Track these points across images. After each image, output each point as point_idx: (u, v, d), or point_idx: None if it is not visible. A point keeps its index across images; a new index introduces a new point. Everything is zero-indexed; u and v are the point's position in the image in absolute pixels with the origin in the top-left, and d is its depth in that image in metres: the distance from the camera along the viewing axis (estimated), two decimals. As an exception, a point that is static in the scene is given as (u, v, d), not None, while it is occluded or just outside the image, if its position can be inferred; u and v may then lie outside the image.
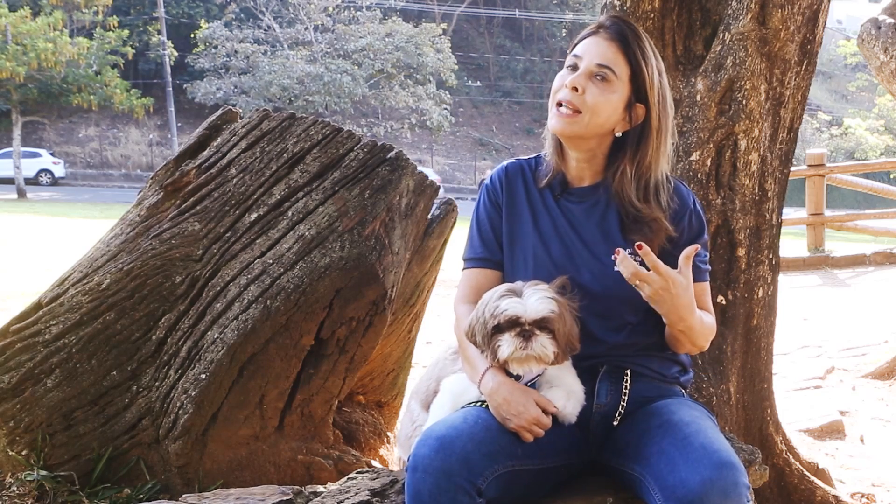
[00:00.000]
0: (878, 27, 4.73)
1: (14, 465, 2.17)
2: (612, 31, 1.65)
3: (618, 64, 1.63)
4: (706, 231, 1.75)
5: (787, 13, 2.34)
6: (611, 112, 1.64)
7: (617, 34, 1.64)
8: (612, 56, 1.63)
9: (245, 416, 2.18)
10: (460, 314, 1.75)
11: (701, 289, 1.72)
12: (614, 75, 1.62)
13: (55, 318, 2.22)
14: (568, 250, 1.70)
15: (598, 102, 1.62)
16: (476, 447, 1.46)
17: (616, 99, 1.63)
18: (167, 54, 29.16)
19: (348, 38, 29.50)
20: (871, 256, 8.93)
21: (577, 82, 1.63)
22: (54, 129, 31.71)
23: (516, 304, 1.52)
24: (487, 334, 1.55)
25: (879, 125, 30.63)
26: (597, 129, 1.65)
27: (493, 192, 1.80)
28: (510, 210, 1.77)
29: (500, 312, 1.52)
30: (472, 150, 36.08)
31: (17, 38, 22.95)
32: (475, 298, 1.75)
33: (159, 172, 2.41)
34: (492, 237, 1.78)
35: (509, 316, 1.52)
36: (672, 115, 1.70)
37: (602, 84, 1.63)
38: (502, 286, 1.60)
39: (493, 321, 1.53)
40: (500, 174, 1.81)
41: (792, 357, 4.86)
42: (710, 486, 1.38)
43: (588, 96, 1.63)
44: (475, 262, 1.79)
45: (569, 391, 1.61)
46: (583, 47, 1.66)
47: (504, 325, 1.53)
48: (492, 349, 1.55)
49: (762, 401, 2.58)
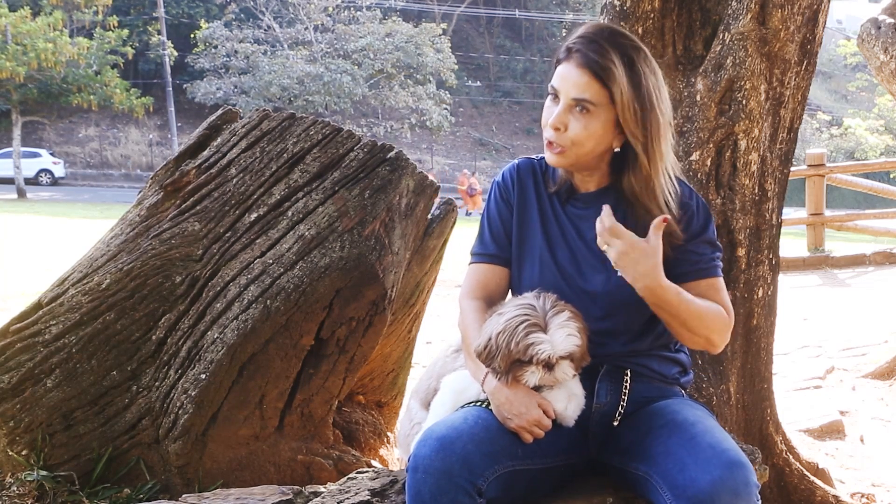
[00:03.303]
0: (878, 27, 4.73)
1: (14, 465, 2.17)
2: (581, 57, 1.60)
3: (593, 92, 1.60)
4: (710, 229, 1.73)
5: (787, 13, 2.34)
6: (598, 139, 1.63)
7: (585, 61, 1.60)
8: (586, 85, 1.60)
9: (245, 416, 2.18)
10: (465, 308, 1.75)
11: (710, 285, 1.69)
12: (592, 105, 1.60)
13: (55, 318, 2.22)
14: (574, 255, 1.71)
15: (580, 136, 1.62)
16: (477, 447, 1.46)
17: (599, 125, 1.62)
18: (167, 54, 29.16)
19: (348, 38, 29.49)
20: (871, 256, 8.93)
21: (559, 122, 1.63)
22: (54, 129, 31.71)
23: (545, 343, 1.51)
24: (509, 364, 1.54)
25: (879, 125, 30.62)
26: (587, 156, 1.66)
27: (504, 190, 1.81)
28: (521, 210, 1.78)
29: (532, 353, 1.51)
30: (472, 150, 36.08)
31: (17, 38, 22.96)
32: (481, 294, 1.76)
33: (159, 172, 2.41)
34: (502, 234, 1.78)
35: (542, 359, 1.52)
36: (668, 115, 1.67)
37: (583, 116, 1.61)
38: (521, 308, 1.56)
39: (523, 356, 1.52)
40: (512, 173, 1.81)
41: (792, 357, 4.86)
42: (721, 486, 1.39)
43: (570, 133, 1.62)
44: (484, 257, 1.79)
45: (570, 394, 1.61)
46: (558, 78, 1.64)
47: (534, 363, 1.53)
48: (512, 374, 1.55)
49: (762, 401, 2.58)
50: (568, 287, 1.68)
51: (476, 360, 1.64)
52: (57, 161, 29.73)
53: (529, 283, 1.70)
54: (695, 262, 1.68)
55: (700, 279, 1.68)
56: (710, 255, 1.71)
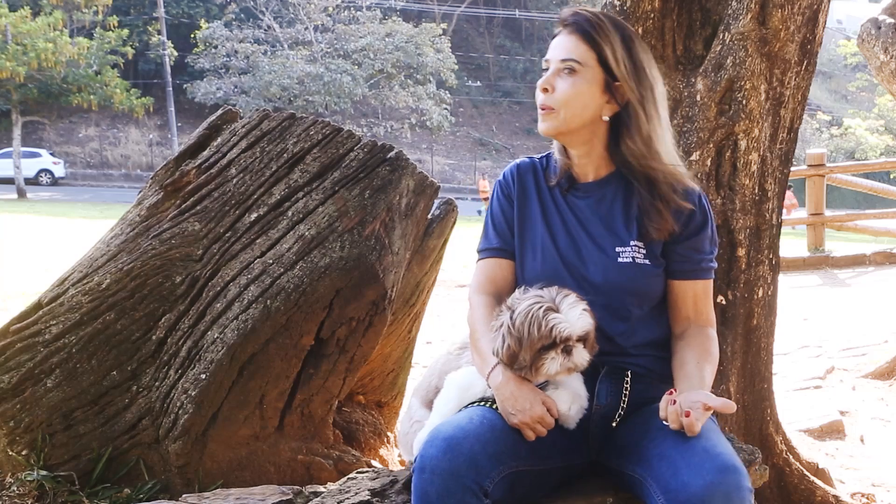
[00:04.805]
0: (878, 27, 4.73)
1: (14, 465, 2.17)
2: (572, 24, 1.68)
3: (581, 52, 1.66)
4: (711, 227, 1.74)
5: (787, 13, 2.34)
6: (587, 100, 1.67)
7: (576, 25, 1.67)
8: (574, 47, 1.67)
9: (245, 416, 2.18)
10: (475, 304, 1.77)
11: (703, 288, 1.74)
12: (579, 64, 1.65)
13: (55, 318, 2.22)
14: (575, 243, 1.72)
15: (568, 95, 1.66)
16: (483, 448, 1.46)
17: (587, 86, 1.66)
18: (167, 54, 29.16)
19: (348, 38, 29.49)
20: (871, 256, 8.93)
21: (547, 82, 1.69)
22: (54, 129, 31.71)
23: (564, 322, 1.53)
24: (535, 352, 1.55)
25: (879, 125, 30.64)
26: (577, 119, 1.68)
27: (505, 187, 1.85)
28: (521, 204, 1.81)
29: (556, 332, 1.53)
30: (472, 150, 36.08)
31: (17, 38, 22.95)
32: (490, 289, 1.78)
33: (159, 172, 2.41)
34: (505, 228, 1.81)
35: (565, 336, 1.53)
36: (660, 83, 1.71)
37: (570, 76, 1.67)
38: (531, 298, 1.58)
39: (547, 340, 1.53)
40: (512, 170, 1.85)
41: (792, 357, 4.86)
42: (713, 490, 1.38)
43: (558, 92, 1.67)
44: (490, 251, 1.82)
45: (574, 395, 1.61)
46: (550, 50, 1.72)
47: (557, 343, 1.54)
48: (535, 367, 1.55)
49: (762, 401, 2.58)
50: (570, 275, 1.70)
51: (483, 356, 1.64)
52: (57, 161, 29.72)
53: (532, 272, 1.72)
54: (697, 260, 1.72)
55: (697, 279, 1.72)
56: (709, 253, 1.74)
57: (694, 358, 1.66)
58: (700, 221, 1.72)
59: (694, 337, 1.71)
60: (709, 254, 1.74)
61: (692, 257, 1.71)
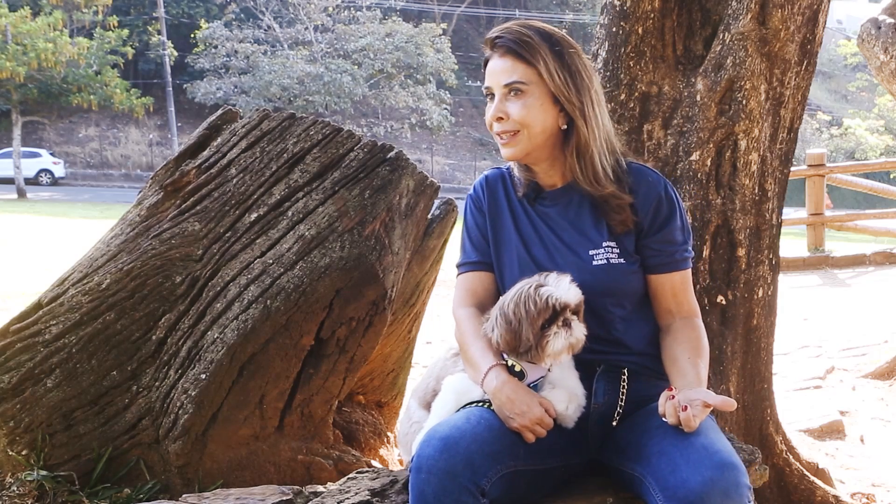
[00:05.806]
0: (878, 27, 4.73)
1: (14, 465, 2.17)
2: (501, 46, 1.67)
3: (521, 72, 1.65)
4: (680, 217, 1.74)
5: (787, 13, 2.34)
6: (543, 115, 1.67)
7: (506, 47, 1.66)
8: (512, 69, 1.65)
9: (245, 416, 2.18)
10: (459, 317, 1.77)
11: (680, 279, 1.74)
12: (524, 84, 1.65)
13: (55, 318, 2.22)
14: (548, 251, 1.74)
15: (524, 116, 1.66)
16: (479, 447, 1.46)
17: (538, 102, 1.66)
18: (167, 54, 29.15)
19: (348, 38, 29.47)
20: (871, 256, 8.93)
21: (499, 111, 1.68)
22: (54, 129, 31.70)
23: (557, 292, 1.55)
24: (537, 329, 1.55)
25: (879, 125, 30.63)
26: (540, 136, 1.68)
27: (476, 200, 1.85)
28: (493, 215, 1.81)
29: (553, 301, 1.54)
30: (471, 150, 36.07)
31: (17, 38, 22.93)
32: (473, 301, 1.78)
33: (159, 172, 2.41)
34: (482, 241, 1.82)
35: (563, 304, 1.54)
36: (595, 80, 1.71)
37: (519, 98, 1.66)
38: (518, 285, 1.61)
39: (546, 312, 1.54)
40: (482, 183, 1.86)
41: (792, 357, 4.86)
42: (711, 487, 1.39)
43: (514, 116, 1.66)
44: (469, 265, 1.83)
45: (571, 394, 1.61)
46: (488, 76, 1.71)
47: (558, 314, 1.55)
48: (541, 345, 1.56)
49: (762, 401, 2.58)
50: None
51: (475, 364, 1.64)
52: (57, 161, 29.70)
53: (511, 283, 1.72)
54: (671, 252, 1.72)
55: (674, 271, 1.73)
56: (683, 243, 1.74)
57: (685, 352, 1.67)
58: (667, 212, 1.72)
59: (680, 330, 1.71)
60: (682, 244, 1.74)
61: (665, 250, 1.72)
